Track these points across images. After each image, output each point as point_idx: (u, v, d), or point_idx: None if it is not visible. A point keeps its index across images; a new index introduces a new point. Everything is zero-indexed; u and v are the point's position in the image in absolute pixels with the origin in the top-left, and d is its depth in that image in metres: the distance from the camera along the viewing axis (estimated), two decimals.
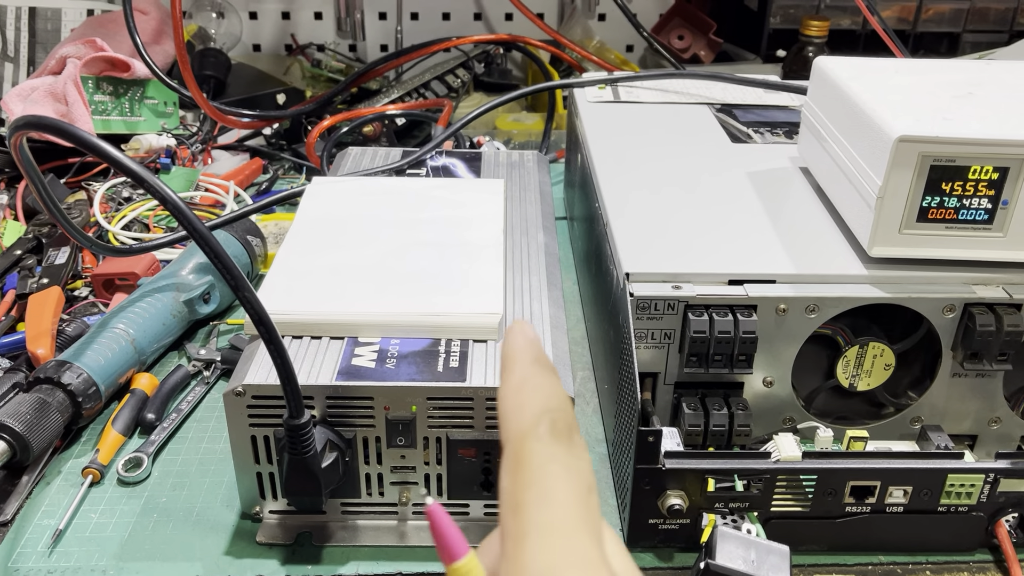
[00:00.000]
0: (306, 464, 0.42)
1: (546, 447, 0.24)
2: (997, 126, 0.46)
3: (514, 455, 0.24)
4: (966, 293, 0.47)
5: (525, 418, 0.25)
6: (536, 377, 0.26)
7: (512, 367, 0.27)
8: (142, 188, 0.36)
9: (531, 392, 0.26)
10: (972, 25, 1.15)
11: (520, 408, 0.25)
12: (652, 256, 0.50)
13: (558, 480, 0.23)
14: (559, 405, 0.25)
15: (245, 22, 1.16)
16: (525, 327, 0.28)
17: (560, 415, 0.25)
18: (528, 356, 0.27)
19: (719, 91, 0.78)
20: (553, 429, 0.24)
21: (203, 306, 0.63)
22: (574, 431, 0.25)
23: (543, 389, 0.26)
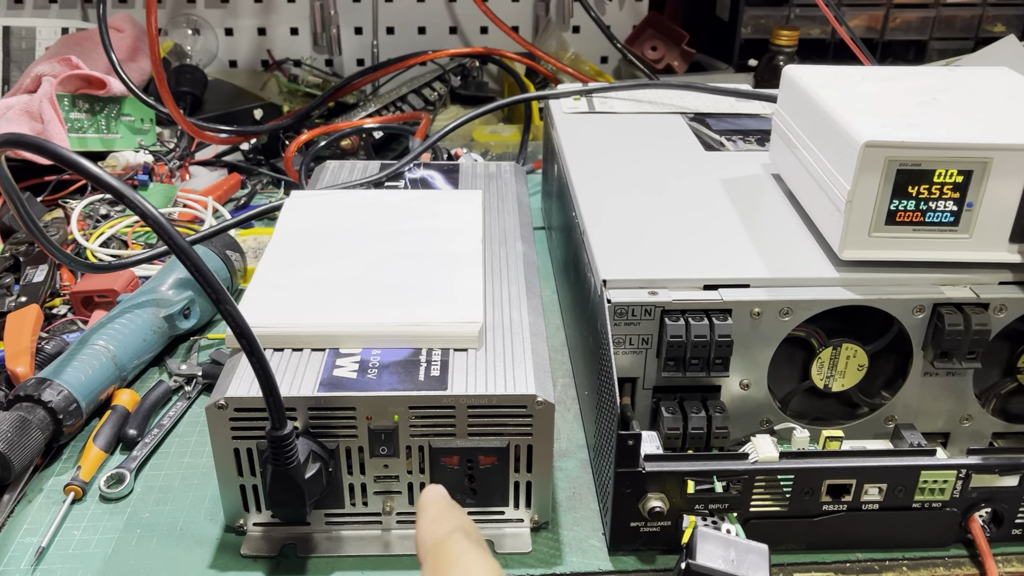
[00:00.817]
0: (289, 475, 0.42)
1: (463, 542, 0.31)
2: (960, 130, 0.47)
3: (434, 554, 0.31)
4: (935, 294, 0.48)
5: (443, 530, 0.32)
6: (449, 510, 0.34)
7: (428, 507, 0.35)
8: (122, 204, 0.36)
9: (447, 518, 0.33)
10: (938, 33, 1.18)
11: (438, 528, 0.33)
12: (628, 263, 0.50)
13: (474, 563, 0.30)
14: (470, 525, 0.33)
15: (221, 38, 1.16)
16: (436, 488, 0.36)
17: (472, 530, 0.32)
18: (442, 501, 0.35)
19: (692, 101, 0.80)
20: (467, 535, 0.32)
21: (183, 321, 0.63)
22: (483, 544, 0.32)
23: (457, 517, 0.34)
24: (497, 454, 0.46)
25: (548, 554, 0.47)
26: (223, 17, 1.16)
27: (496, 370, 0.46)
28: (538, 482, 0.47)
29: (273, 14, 1.16)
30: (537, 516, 0.48)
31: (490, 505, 0.47)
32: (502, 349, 0.48)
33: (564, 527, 0.49)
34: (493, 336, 0.49)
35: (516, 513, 0.48)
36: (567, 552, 0.47)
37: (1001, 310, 0.49)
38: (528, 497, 0.48)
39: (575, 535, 0.49)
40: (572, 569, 0.46)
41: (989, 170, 0.46)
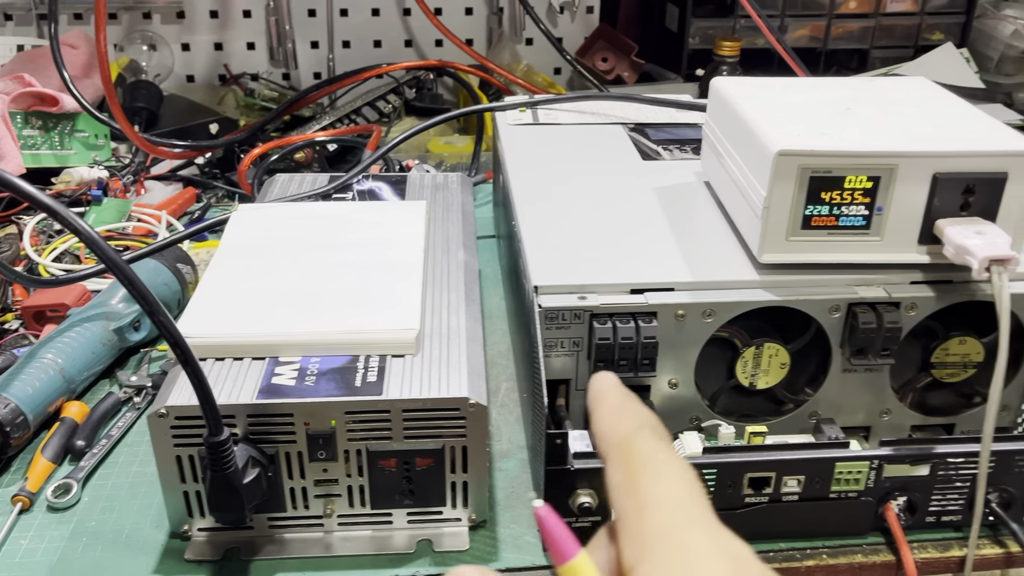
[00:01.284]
0: (228, 480, 0.44)
1: (651, 443, 0.28)
2: (869, 139, 0.50)
3: (622, 454, 0.28)
4: (849, 294, 0.51)
5: (626, 427, 0.29)
6: (629, 402, 0.31)
7: (604, 397, 0.31)
8: (55, 220, 0.37)
9: (628, 411, 0.30)
10: (879, 42, 1.21)
11: (619, 422, 0.29)
12: (559, 269, 0.52)
13: (667, 464, 0.27)
14: (654, 420, 0.30)
15: (178, 54, 1.17)
16: (608, 375, 0.32)
17: (658, 425, 0.29)
18: (618, 391, 0.31)
19: (633, 111, 0.82)
20: (654, 433, 0.29)
21: (133, 334, 0.64)
22: (670, 441, 0.29)
23: (638, 410, 0.30)
24: (433, 456, 0.47)
25: (485, 551, 0.49)
26: (180, 33, 1.17)
27: (431, 374, 0.48)
28: (474, 482, 0.49)
29: (229, 29, 1.18)
30: (474, 515, 0.50)
31: (428, 505, 0.49)
32: (438, 354, 0.50)
33: (502, 525, 0.51)
34: (430, 342, 0.51)
35: (454, 512, 0.50)
36: (503, 549, 0.49)
37: (912, 308, 0.51)
38: (465, 496, 0.49)
39: (512, 532, 0.50)
40: (507, 565, 0.48)
41: (895, 176, 0.49)
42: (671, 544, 0.24)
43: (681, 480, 0.26)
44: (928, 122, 0.53)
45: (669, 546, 0.24)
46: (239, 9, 1.17)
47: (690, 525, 0.25)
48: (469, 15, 1.21)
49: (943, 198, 0.49)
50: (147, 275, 0.66)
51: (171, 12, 1.15)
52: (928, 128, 0.52)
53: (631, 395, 0.31)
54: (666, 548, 0.24)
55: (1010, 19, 1.22)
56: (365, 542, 0.49)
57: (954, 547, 0.50)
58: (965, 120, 0.53)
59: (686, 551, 0.24)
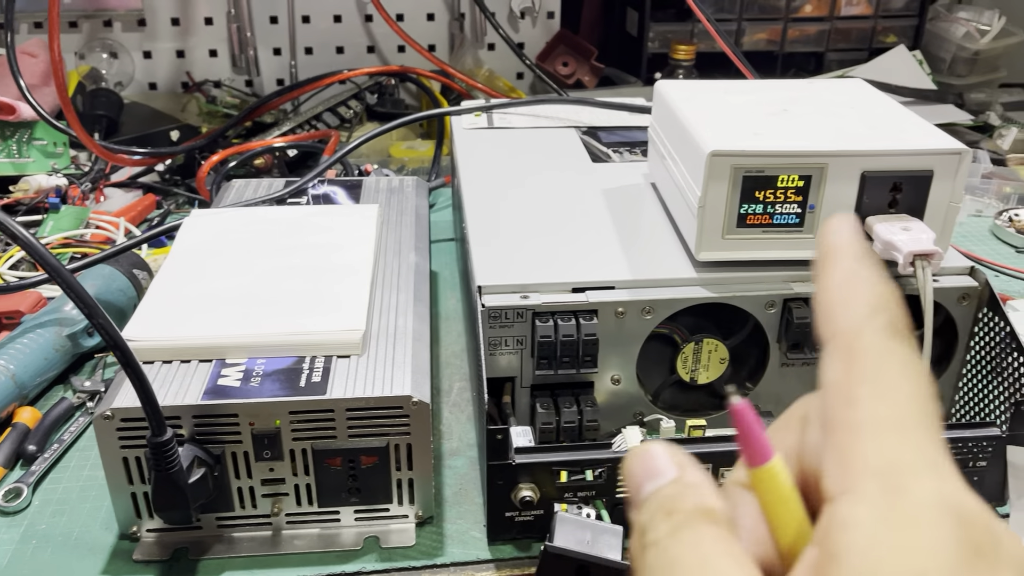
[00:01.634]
0: (172, 480, 0.44)
1: (884, 341, 0.22)
2: (800, 139, 0.51)
3: (847, 347, 0.22)
4: (784, 290, 0.52)
5: (858, 310, 0.23)
6: (867, 271, 0.24)
7: (836, 259, 0.24)
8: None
9: (863, 286, 0.23)
10: (835, 44, 1.24)
11: (850, 301, 0.23)
12: (503, 270, 0.53)
13: (898, 375, 0.22)
14: (894, 308, 0.23)
15: (139, 61, 1.18)
16: (849, 220, 0.25)
17: (899, 315, 0.23)
18: (855, 249, 0.24)
19: (588, 115, 0.83)
20: (892, 326, 0.23)
21: (87, 339, 0.64)
22: (908, 337, 0.23)
23: (877, 285, 0.23)
24: (378, 454, 0.48)
25: (431, 547, 0.50)
26: (141, 40, 1.17)
27: (376, 374, 0.49)
28: (419, 479, 0.50)
29: (191, 37, 1.18)
30: (421, 511, 0.51)
31: (374, 503, 0.50)
32: (384, 354, 0.51)
33: (448, 521, 0.52)
34: (376, 342, 0.52)
35: (400, 509, 0.51)
36: (449, 544, 0.50)
37: None
38: (411, 493, 0.50)
39: (458, 528, 0.51)
40: (453, 560, 0.49)
41: (826, 175, 0.50)
42: (887, 486, 0.20)
43: (914, 399, 0.21)
44: (859, 122, 0.54)
45: (884, 488, 0.20)
46: (200, 16, 1.17)
47: (914, 465, 0.20)
48: (431, 21, 1.22)
49: (872, 196, 0.51)
50: (101, 281, 0.67)
51: (132, 20, 1.16)
52: (858, 128, 0.53)
53: (870, 258, 0.24)
54: (880, 490, 0.20)
55: (962, 21, 1.25)
56: (313, 540, 0.50)
57: None
58: (895, 120, 0.55)
59: (904, 498, 0.19)
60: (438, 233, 0.87)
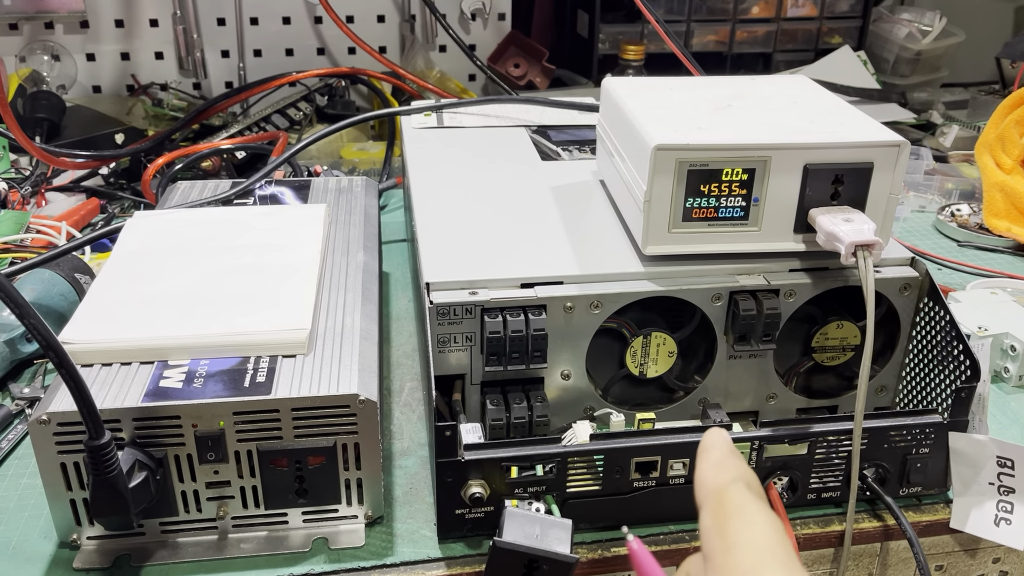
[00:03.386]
0: (111, 484, 0.43)
1: (744, 494, 0.32)
2: (743, 133, 0.52)
3: (716, 500, 0.32)
4: (730, 283, 0.53)
5: (725, 477, 0.33)
6: (733, 458, 0.34)
7: (711, 450, 0.35)
8: None
9: (729, 466, 0.34)
10: (782, 45, 1.26)
11: (720, 473, 0.33)
12: (451, 266, 0.53)
13: (756, 513, 0.30)
14: (752, 478, 0.33)
15: (83, 64, 1.15)
16: (721, 432, 0.36)
17: (753, 482, 0.33)
18: (726, 447, 0.35)
19: (538, 114, 0.83)
20: (748, 488, 0.32)
21: (26, 345, 0.63)
22: (763, 498, 0.32)
23: (739, 466, 0.34)
24: (325, 454, 0.48)
25: (380, 547, 0.49)
26: (84, 42, 1.15)
27: (322, 373, 0.48)
28: (368, 478, 0.49)
29: (136, 39, 1.16)
30: (370, 511, 0.50)
31: (323, 503, 0.49)
32: (331, 353, 0.50)
33: (399, 520, 0.51)
34: (323, 341, 0.51)
35: (349, 510, 0.50)
36: (399, 544, 0.50)
37: (791, 295, 0.53)
38: (360, 493, 0.50)
39: (408, 527, 0.51)
40: (402, 559, 0.49)
41: (769, 168, 0.51)
42: None
43: (768, 528, 0.30)
44: (801, 117, 0.55)
45: None
46: (145, 18, 1.15)
47: (772, 566, 0.28)
48: (381, 23, 1.21)
49: (814, 188, 0.52)
50: (41, 285, 0.65)
51: (74, 22, 1.13)
52: (800, 122, 0.54)
53: (736, 452, 0.35)
54: None
55: (904, 23, 1.27)
56: (260, 543, 0.49)
57: (834, 522, 0.52)
58: (836, 114, 0.56)
59: None
60: (390, 234, 0.87)
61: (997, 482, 0.50)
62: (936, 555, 0.54)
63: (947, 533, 0.53)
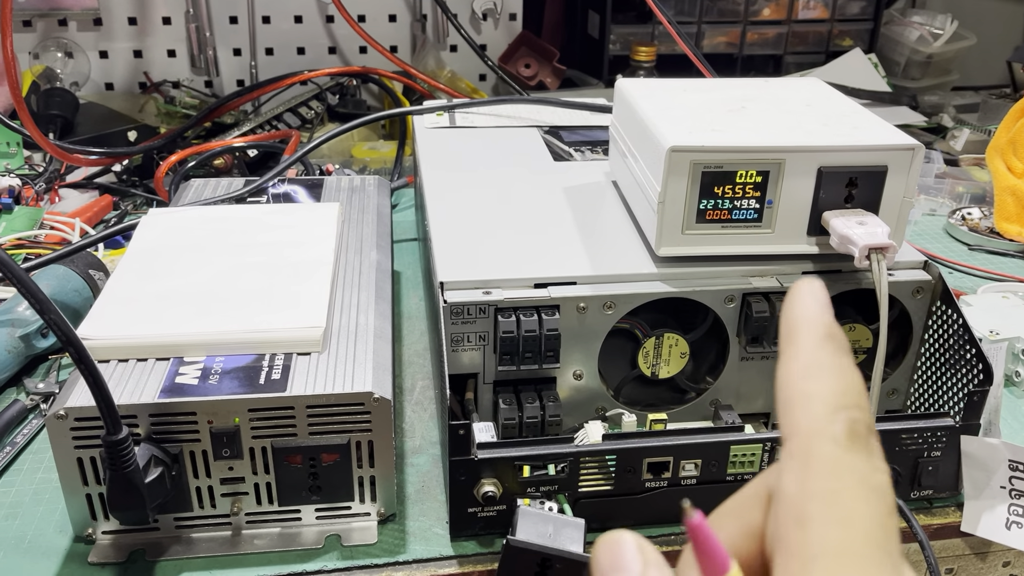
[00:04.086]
0: (128, 479, 0.44)
1: (844, 453, 0.21)
2: (758, 135, 0.52)
3: (803, 455, 0.21)
4: (743, 284, 0.53)
5: (817, 411, 0.21)
6: (832, 358, 0.22)
7: (798, 340, 0.22)
8: None
9: (825, 379, 0.22)
10: (793, 48, 1.25)
11: (810, 398, 0.22)
12: (465, 266, 0.53)
13: (856, 496, 0.20)
14: (858, 402, 0.22)
15: (96, 61, 1.16)
16: (815, 287, 0.23)
17: (860, 415, 0.21)
18: (818, 329, 0.22)
19: (549, 115, 0.84)
20: (852, 432, 0.21)
21: (41, 340, 0.63)
22: (873, 438, 0.22)
23: (840, 379, 0.22)
24: (339, 451, 0.48)
25: (393, 544, 0.50)
26: (97, 40, 1.15)
27: (337, 371, 0.49)
28: (381, 476, 0.49)
29: (149, 37, 1.16)
30: (383, 509, 0.50)
31: (336, 500, 0.50)
32: (345, 351, 0.51)
33: (411, 518, 0.52)
34: (337, 339, 0.52)
35: (362, 507, 0.50)
36: (411, 541, 0.50)
37: None
38: (373, 491, 0.50)
39: (420, 525, 0.51)
40: (415, 556, 0.49)
41: (783, 170, 0.51)
42: None
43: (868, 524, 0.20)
44: (815, 119, 0.55)
45: None
46: (158, 16, 1.16)
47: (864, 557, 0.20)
48: (393, 22, 1.21)
49: (828, 191, 0.52)
50: (56, 281, 0.66)
51: (88, 19, 1.14)
52: (815, 125, 0.54)
53: (834, 343, 0.22)
54: None
55: (915, 26, 1.27)
56: (273, 539, 0.49)
57: None
58: (850, 117, 0.56)
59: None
60: (401, 233, 0.87)
61: (1009, 486, 0.50)
62: (946, 558, 0.54)
63: (958, 536, 0.53)
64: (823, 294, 0.23)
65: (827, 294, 0.23)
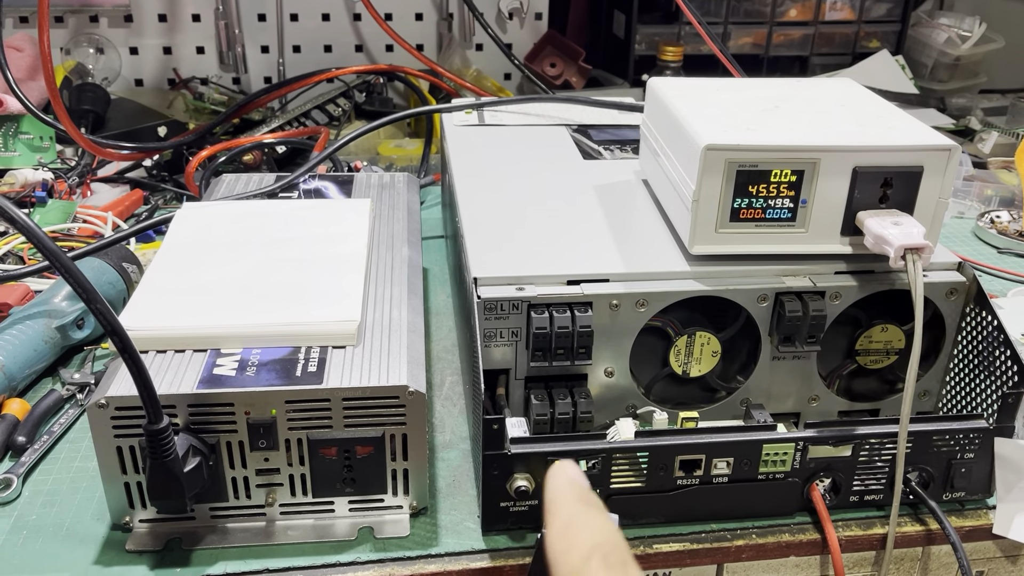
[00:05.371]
0: (167, 468, 0.44)
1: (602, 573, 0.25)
2: (793, 134, 0.52)
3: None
4: (776, 284, 0.53)
5: (576, 557, 0.26)
6: (581, 515, 0.27)
7: (556, 509, 0.28)
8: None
9: (579, 531, 0.27)
10: (819, 49, 1.25)
11: (570, 549, 0.26)
12: (498, 262, 0.54)
13: None
14: (608, 539, 0.26)
15: (126, 57, 1.17)
16: (567, 467, 0.29)
17: (611, 548, 0.26)
18: (571, 496, 0.28)
19: (578, 113, 0.84)
20: (606, 563, 0.25)
21: (76, 331, 0.64)
22: (628, 564, 0.26)
23: (590, 526, 0.27)
24: (373, 443, 0.48)
25: (425, 537, 0.50)
26: (128, 36, 1.16)
27: (372, 364, 0.49)
28: (414, 469, 0.50)
29: (178, 33, 1.17)
30: (415, 502, 0.51)
31: (369, 493, 0.50)
32: (379, 345, 0.51)
33: (442, 512, 0.52)
34: (371, 333, 0.52)
35: (395, 500, 0.51)
36: (443, 535, 0.50)
37: (836, 297, 0.53)
38: (406, 484, 0.50)
39: (452, 519, 0.51)
40: (447, 550, 0.49)
41: (818, 170, 0.51)
42: None
43: None
44: (850, 119, 0.55)
45: None
46: (188, 13, 1.17)
47: None
48: (419, 21, 1.22)
49: (863, 191, 0.52)
50: (91, 274, 0.66)
51: (119, 16, 1.15)
52: (850, 125, 0.54)
53: (588, 502, 0.28)
54: None
55: (943, 28, 1.26)
56: (307, 530, 0.50)
57: (876, 525, 0.52)
58: (885, 118, 0.56)
59: None
60: (427, 230, 0.88)
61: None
62: (978, 560, 0.53)
63: (989, 539, 0.53)
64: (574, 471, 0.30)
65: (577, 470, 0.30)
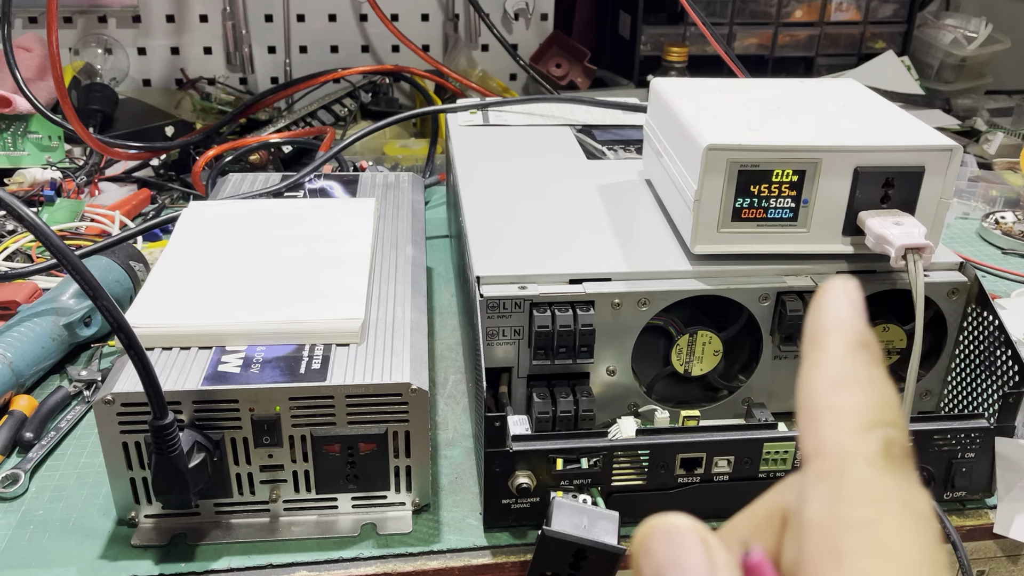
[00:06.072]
0: (172, 463, 0.45)
1: (881, 476, 0.18)
2: (794, 134, 0.52)
3: (833, 477, 0.18)
4: (778, 283, 0.53)
5: (849, 427, 0.19)
6: (863, 372, 0.19)
7: (828, 347, 0.20)
8: (1, 208, 0.38)
9: (857, 393, 0.19)
10: (824, 50, 1.25)
11: (840, 412, 0.19)
12: (501, 261, 0.54)
13: (900, 527, 0.18)
14: (894, 419, 0.19)
15: (134, 58, 1.18)
16: (848, 287, 0.20)
17: (896, 435, 0.19)
18: (851, 335, 0.20)
19: (582, 114, 0.84)
20: (889, 453, 0.18)
21: (84, 329, 0.64)
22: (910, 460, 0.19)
23: (874, 392, 0.19)
24: (376, 440, 0.49)
25: (427, 534, 0.50)
26: (136, 37, 1.17)
27: (375, 362, 0.49)
28: (417, 466, 0.50)
29: (186, 34, 1.18)
30: (418, 499, 0.51)
31: (372, 489, 0.50)
32: (383, 343, 0.51)
33: (445, 509, 0.52)
34: (375, 331, 0.53)
35: (398, 497, 0.51)
36: (446, 531, 0.51)
37: None
38: (408, 481, 0.51)
39: (454, 516, 0.52)
40: (449, 546, 0.50)
41: (820, 170, 0.51)
42: None
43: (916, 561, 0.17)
44: (852, 119, 0.55)
45: None
46: (195, 14, 1.17)
47: None
48: (425, 21, 1.22)
49: (864, 191, 0.52)
50: (98, 272, 0.67)
51: (127, 16, 1.16)
52: (851, 125, 0.54)
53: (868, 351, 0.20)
54: None
55: (949, 28, 1.26)
56: (310, 526, 0.50)
57: None
58: (887, 118, 0.56)
59: None
60: (431, 230, 0.88)
61: None
62: (978, 560, 0.54)
63: (990, 538, 0.53)
64: (857, 295, 0.20)
65: (861, 295, 0.20)
